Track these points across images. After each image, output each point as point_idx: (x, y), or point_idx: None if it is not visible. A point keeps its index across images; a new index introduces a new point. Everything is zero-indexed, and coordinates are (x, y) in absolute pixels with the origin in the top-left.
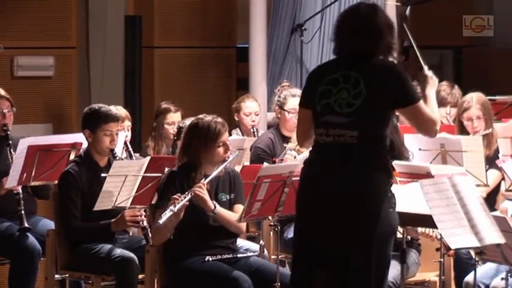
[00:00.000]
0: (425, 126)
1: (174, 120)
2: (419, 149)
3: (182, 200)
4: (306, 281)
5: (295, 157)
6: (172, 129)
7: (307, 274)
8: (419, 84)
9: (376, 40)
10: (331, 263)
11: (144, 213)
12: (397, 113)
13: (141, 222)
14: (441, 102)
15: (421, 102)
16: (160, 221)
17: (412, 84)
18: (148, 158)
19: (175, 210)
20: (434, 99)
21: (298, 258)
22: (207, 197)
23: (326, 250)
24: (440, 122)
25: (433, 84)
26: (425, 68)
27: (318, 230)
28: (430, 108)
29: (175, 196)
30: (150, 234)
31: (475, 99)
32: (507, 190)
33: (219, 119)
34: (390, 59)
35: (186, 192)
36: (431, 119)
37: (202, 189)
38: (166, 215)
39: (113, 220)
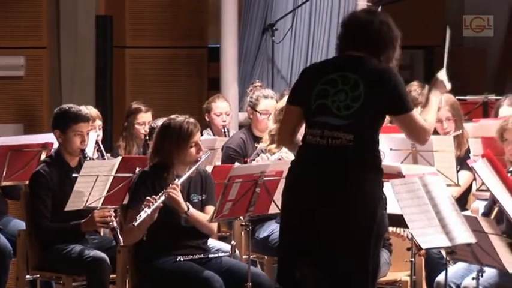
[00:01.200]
0: (415, 135)
1: (145, 120)
2: (391, 149)
3: (156, 202)
4: (294, 280)
5: (268, 159)
6: (143, 129)
7: (295, 273)
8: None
9: (380, 52)
10: (324, 264)
11: (113, 214)
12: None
13: (110, 223)
14: (412, 103)
15: (413, 112)
16: (135, 223)
17: (406, 92)
18: (120, 158)
19: (150, 212)
20: (435, 105)
21: (286, 256)
22: (180, 198)
23: (319, 251)
24: (432, 129)
25: (440, 89)
26: (442, 71)
27: (312, 231)
28: (428, 113)
29: (149, 198)
30: (119, 235)
31: (444, 100)
32: (478, 190)
33: (191, 120)
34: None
35: (160, 194)
36: (422, 128)
37: (176, 191)
38: (142, 216)
39: (82, 221)
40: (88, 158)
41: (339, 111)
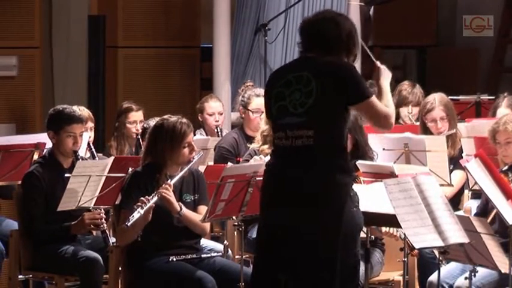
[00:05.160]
0: (379, 120)
1: (136, 119)
2: (383, 149)
3: (149, 202)
4: (269, 283)
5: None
6: (134, 128)
7: (270, 276)
8: (374, 79)
9: (331, 51)
10: (292, 265)
11: (104, 216)
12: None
13: (100, 226)
14: (403, 102)
15: (373, 98)
16: (129, 223)
17: (363, 80)
18: (112, 158)
19: (143, 213)
20: (388, 90)
21: (260, 260)
22: (173, 198)
23: (288, 252)
24: (394, 114)
25: (386, 75)
26: (377, 62)
27: (281, 232)
28: (385, 99)
29: (142, 198)
30: (109, 238)
31: (437, 100)
32: (470, 190)
33: (184, 120)
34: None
35: (153, 194)
36: (385, 113)
37: (168, 191)
38: (135, 217)
39: (73, 223)
40: (80, 159)
41: (295, 109)
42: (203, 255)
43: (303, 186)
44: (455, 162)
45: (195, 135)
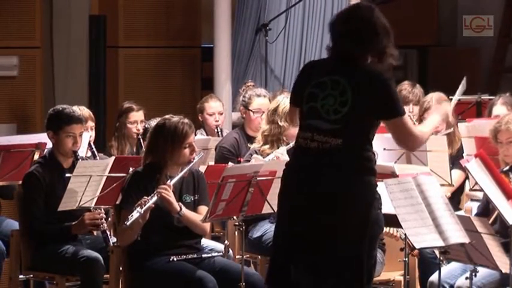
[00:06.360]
0: (404, 140)
1: (137, 119)
2: (384, 149)
3: (148, 202)
4: (286, 283)
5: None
6: (135, 128)
7: (287, 276)
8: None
9: (370, 42)
10: (316, 265)
11: (104, 216)
12: None
13: (101, 225)
14: (403, 101)
15: (405, 116)
16: (127, 223)
17: (397, 96)
18: (113, 158)
19: (142, 212)
20: (434, 120)
21: (278, 259)
22: (173, 199)
23: (312, 252)
24: (423, 139)
25: (442, 116)
26: (453, 100)
27: (306, 232)
28: (423, 124)
29: (141, 200)
30: (109, 237)
31: (434, 99)
32: (471, 190)
33: (186, 120)
34: (384, 63)
35: (152, 194)
36: (412, 134)
37: (168, 191)
38: (134, 216)
39: (73, 223)
40: (81, 158)
41: (328, 115)
42: (204, 255)
43: (331, 187)
44: (453, 161)
45: (195, 135)
